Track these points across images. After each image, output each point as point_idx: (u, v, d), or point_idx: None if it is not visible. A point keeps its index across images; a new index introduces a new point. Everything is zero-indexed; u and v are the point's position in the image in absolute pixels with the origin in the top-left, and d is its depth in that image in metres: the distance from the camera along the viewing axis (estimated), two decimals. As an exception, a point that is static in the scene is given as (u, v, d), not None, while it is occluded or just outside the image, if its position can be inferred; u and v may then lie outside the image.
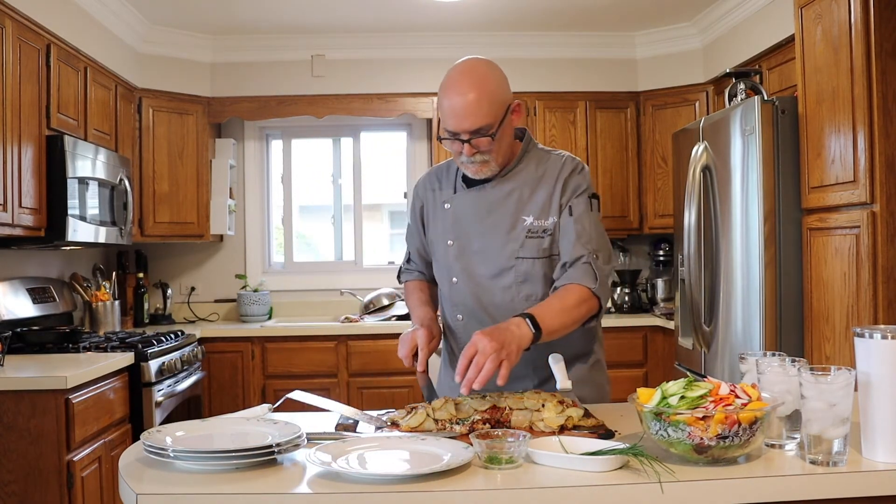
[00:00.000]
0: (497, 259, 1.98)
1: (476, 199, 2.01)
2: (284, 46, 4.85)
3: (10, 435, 2.73)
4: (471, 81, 1.86)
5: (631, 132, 4.96)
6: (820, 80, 2.82)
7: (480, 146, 1.88)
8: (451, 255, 2.04)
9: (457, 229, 2.03)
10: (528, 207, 1.97)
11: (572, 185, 1.98)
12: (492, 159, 1.92)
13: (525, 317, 1.75)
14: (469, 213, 2.01)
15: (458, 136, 1.87)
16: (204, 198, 4.80)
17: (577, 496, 1.25)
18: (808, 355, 2.92)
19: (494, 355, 1.63)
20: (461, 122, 1.85)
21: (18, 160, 3.14)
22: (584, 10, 4.47)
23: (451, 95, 1.86)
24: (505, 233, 1.97)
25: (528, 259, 1.96)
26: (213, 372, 4.44)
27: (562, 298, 1.85)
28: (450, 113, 1.86)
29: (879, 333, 1.32)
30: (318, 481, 1.30)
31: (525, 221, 1.96)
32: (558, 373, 1.87)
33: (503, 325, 1.73)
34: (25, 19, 3.20)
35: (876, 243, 2.54)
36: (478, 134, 1.86)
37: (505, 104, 1.91)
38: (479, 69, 1.90)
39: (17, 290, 3.59)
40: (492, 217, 1.99)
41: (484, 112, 1.85)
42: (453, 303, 2.07)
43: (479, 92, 1.85)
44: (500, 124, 1.89)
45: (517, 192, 1.98)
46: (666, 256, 5.00)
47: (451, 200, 2.06)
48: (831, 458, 1.32)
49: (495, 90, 1.88)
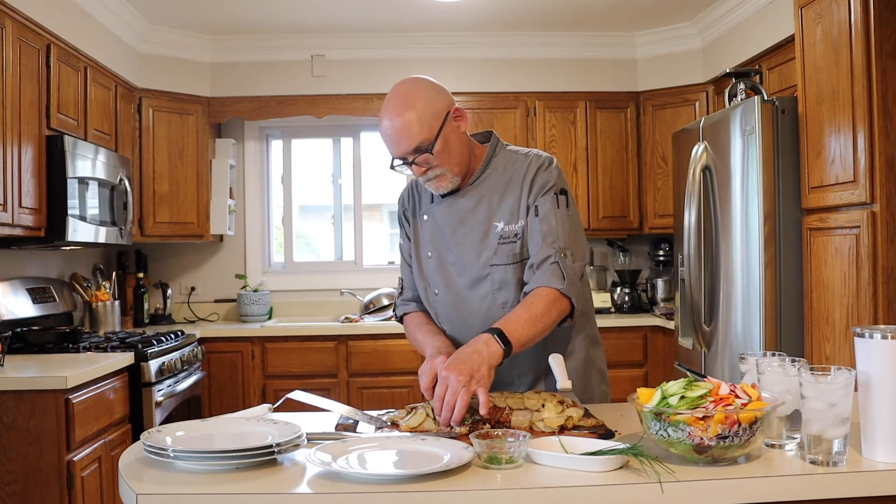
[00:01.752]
0: (472, 268, 1.96)
1: (448, 210, 1.99)
2: (284, 46, 4.85)
3: (10, 435, 2.73)
4: (396, 105, 1.86)
5: (631, 132, 4.96)
6: (820, 80, 2.82)
7: (427, 163, 1.88)
8: (431, 267, 2.03)
9: (434, 241, 2.02)
10: (498, 213, 1.95)
11: (538, 183, 1.94)
12: (446, 172, 1.90)
13: (493, 332, 1.72)
14: (443, 224, 2.00)
15: (405, 159, 1.88)
16: (204, 198, 4.80)
17: (577, 496, 1.25)
18: (808, 355, 2.92)
19: (464, 391, 1.61)
20: (397, 146, 1.86)
21: (18, 160, 3.14)
22: (584, 10, 4.47)
23: (383, 123, 1.87)
24: (478, 241, 1.96)
25: (501, 266, 1.93)
26: (213, 372, 4.44)
27: (530, 306, 1.82)
28: (386, 141, 1.88)
29: (879, 333, 1.32)
30: (318, 481, 1.30)
31: (496, 228, 1.94)
32: (558, 373, 1.87)
33: (469, 347, 1.70)
34: (25, 19, 3.20)
35: (876, 243, 2.54)
36: (418, 152, 1.86)
37: (440, 115, 1.87)
38: (403, 90, 1.88)
39: (17, 290, 3.59)
40: (464, 227, 1.97)
41: (415, 131, 1.84)
42: (437, 314, 2.06)
43: (405, 113, 1.84)
44: (436, 137, 1.86)
45: (486, 198, 1.96)
46: (666, 256, 5.00)
47: (429, 212, 2.04)
48: (831, 458, 1.32)
49: (424, 107, 1.85)
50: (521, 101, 4.90)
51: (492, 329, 1.74)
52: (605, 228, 4.97)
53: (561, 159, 4.90)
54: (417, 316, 2.10)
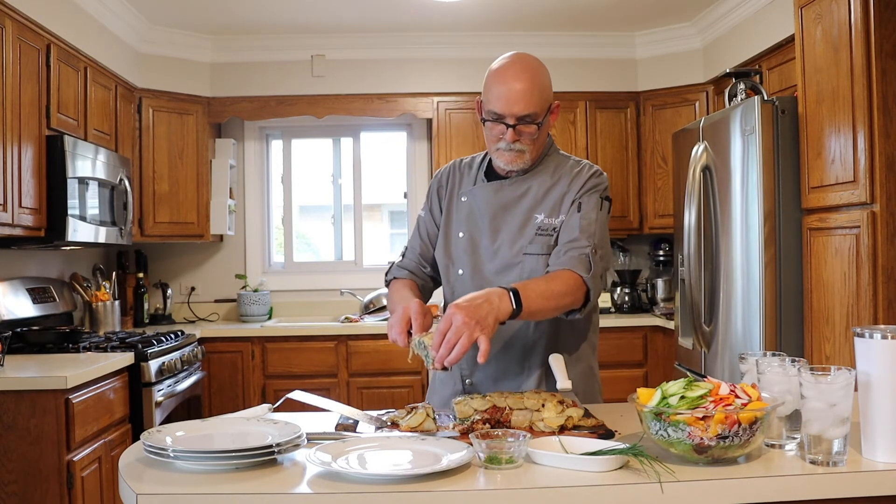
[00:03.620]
0: (505, 255, 1.97)
1: (493, 194, 2.01)
2: (284, 46, 4.85)
3: (10, 435, 2.73)
4: (525, 70, 1.90)
5: (631, 132, 4.96)
6: (820, 80, 2.82)
7: (525, 133, 1.90)
8: (461, 248, 2.03)
9: (469, 222, 2.03)
10: (541, 206, 1.98)
11: (589, 185, 1.98)
12: (528, 151, 1.94)
13: (509, 290, 1.71)
14: (484, 207, 2.01)
15: (504, 119, 1.89)
16: (204, 198, 4.80)
17: (577, 496, 1.25)
18: (808, 355, 2.92)
19: (468, 332, 1.59)
20: (512, 106, 1.87)
21: (18, 160, 3.14)
22: (584, 10, 4.47)
23: (506, 80, 1.89)
24: (516, 229, 1.98)
25: (534, 255, 1.95)
26: (213, 372, 4.44)
27: (549, 281, 1.82)
28: (501, 95, 1.88)
29: (879, 333, 1.32)
30: (318, 481, 1.30)
31: (537, 219, 1.97)
32: (558, 373, 1.87)
33: (482, 295, 1.68)
34: (25, 19, 3.20)
35: (876, 243, 2.54)
36: (524, 120, 1.89)
37: (551, 99, 1.95)
38: (533, 61, 1.94)
39: (17, 290, 3.59)
40: (506, 213, 1.99)
41: (535, 100, 1.88)
42: (454, 293, 2.04)
43: (531, 81, 1.89)
44: (546, 115, 1.93)
45: (533, 190, 1.99)
46: (666, 256, 5.00)
47: (469, 193, 2.06)
48: (831, 458, 1.32)
49: (545, 83, 1.93)
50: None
51: (508, 287, 1.72)
52: (605, 228, 4.96)
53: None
54: (407, 282, 2.09)
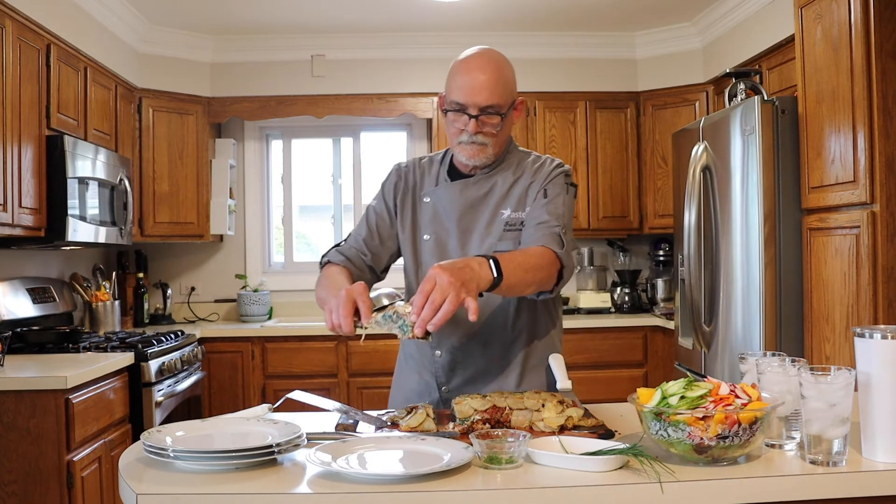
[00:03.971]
0: (474, 254, 1.89)
1: (459, 194, 1.97)
2: (284, 46, 4.85)
3: (10, 435, 2.73)
4: (489, 61, 1.89)
5: (631, 132, 4.96)
6: (820, 80, 2.82)
7: (487, 125, 1.87)
8: (427, 250, 1.99)
9: (435, 224, 1.99)
10: (506, 201, 1.95)
11: (552, 174, 1.96)
12: (490, 145, 1.90)
13: (489, 258, 1.64)
14: (450, 207, 1.98)
15: (467, 109, 1.86)
16: (204, 198, 4.80)
17: (577, 496, 1.25)
18: (808, 355, 2.92)
19: (454, 292, 1.50)
20: (475, 95, 1.85)
21: (18, 160, 3.14)
22: (584, 10, 4.47)
23: (469, 70, 1.87)
24: (484, 227, 1.95)
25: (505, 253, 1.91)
26: (213, 372, 4.44)
27: (527, 254, 1.78)
28: (464, 85, 1.86)
29: (879, 333, 1.32)
30: (318, 481, 1.30)
31: (503, 214, 1.94)
32: (558, 373, 1.87)
33: (462, 262, 1.61)
34: (25, 19, 3.20)
35: (876, 243, 2.54)
36: (487, 111, 1.86)
37: (514, 95, 1.93)
38: (498, 55, 1.93)
39: (17, 290, 3.59)
40: (473, 212, 1.96)
41: (499, 92, 1.86)
42: None
43: (496, 72, 1.87)
44: (510, 108, 1.91)
45: (498, 186, 1.96)
46: (666, 256, 5.00)
47: (432, 194, 2.01)
48: (831, 458, 1.32)
49: (510, 77, 1.91)
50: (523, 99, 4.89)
51: (487, 255, 1.66)
52: (605, 228, 4.97)
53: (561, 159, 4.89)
54: (342, 269, 1.97)
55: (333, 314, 1.63)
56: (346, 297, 1.62)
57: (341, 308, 1.61)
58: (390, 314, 1.57)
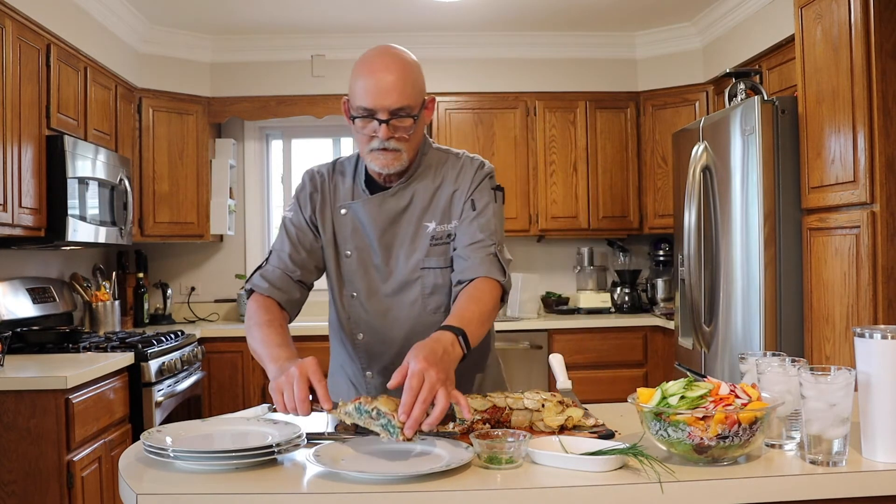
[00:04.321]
0: (401, 272, 1.84)
1: (377, 208, 1.83)
2: (284, 46, 4.85)
3: (10, 435, 2.73)
4: (394, 61, 1.74)
5: (631, 132, 4.96)
6: (820, 80, 2.82)
7: (400, 129, 1.73)
8: (351, 268, 1.87)
9: (356, 239, 1.86)
10: (429, 212, 1.84)
11: (476, 180, 1.85)
12: (404, 150, 1.76)
13: (458, 334, 1.54)
14: (369, 223, 1.84)
15: (376, 114, 1.71)
16: (204, 198, 4.80)
17: (577, 496, 1.25)
18: (808, 355, 2.92)
19: (444, 390, 1.39)
20: (383, 98, 1.69)
21: (18, 160, 3.14)
22: (584, 10, 4.47)
23: (374, 71, 1.71)
24: (408, 243, 1.83)
25: (433, 269, 1.82)
26: (213, 372, 4.43)
27: (480, 302, 1.68)
28: (370, 89, 1.70)
29: (879, 333, 1.32)
30: (318, 481, 1.30)
31: (428, 227, 1.83)
32: (559, 373, 1.87)
33: (438, 345, 1.48)
34: (25, 19, 3.20)
35: (876, 243, 2.54)
36: (398, 114, 1.71)
37: (423, 94, 1.78)
38: (402, 53, 1.78)
39: (17, 290, 3.59)
40: (394, 227, 1.84)
41: (409, 92, 1.71)
42: (352, 320, 1.89)
43: (403, 70, 1.72)
44: (420, 110, 1.76)
45: (418, 196, 1.84)
46: (666, 256, 5.00)
47: (350, 207, 1.86)
48: (831, 458, 1.32)
49: (418, 75, 1.77)
50: (521, 101, 4.90)
51: (455, 329, 1.55)
52: (605, 228, 4.97)
53: (561, 159, 4.91)
54: (272, 306, 1.80)
55: (286, 395, 1.45)
56: (300, 378, 1.46)
57: (297, 390, 1.45)
58: (368, 409, 1.38)
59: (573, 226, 4.92)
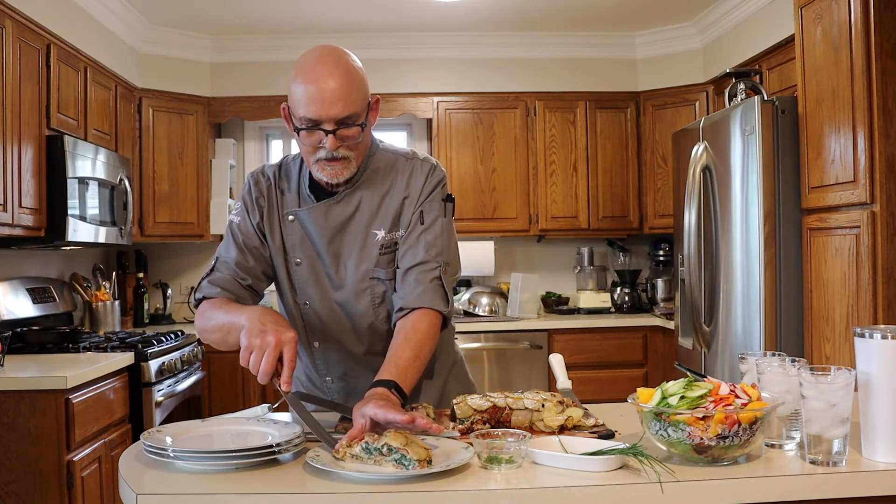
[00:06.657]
0: (352, 281, 1.79)
1: (323, 216, 1.78)
2: (284, 46, 4.84)
3: (10, 435, 2.73)
4: (337, 66, 1.65)
5: (631, 132, 4.97)
6: (820, 80, 2.82)
7: (348, 138, 1.67)
8: (302, 277, 1.82)
9: (305, 247, 1.81)
10: (377, 219, 1.78)
11: (426, 189, 1.79)
12: (353, 158, 1.70)
13: (391, 387, 1.54)
14: (316, 231, 1.79)
15: (322, 125, 1.64)
16: (204, 198, 4.80)
17: (577, 496, 1.25)
18: (808, 355, 2.92)
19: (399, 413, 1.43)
20: (329, 108, 1.62)
21: (18, 160, 3.14)
22: (583, 9, 4.47)
23: (317, 78, 1.63)
24: (357, 251, 1.79)
25: (383, 281, 1.79)
26: (213, 372, 4.43)
27: (413, 342, 1.64)
28: (314, 98, 1.62)
29: (879, 333, 1.32)
30: (318, 481, 1.30)
31: (377, 236, 1.78)
32: (558, 372, 1.87)
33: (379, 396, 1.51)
34: (25, 19, 3.20)
35: (876, 243, 2.54)
36: (345, 123, 1.65)
37: (368, 97, 1.72)
38: (344, 56, 1.70)
39: (17, 290, 3.59)
40: (342, 235, 1.79)
41: (353, 98, 1.65)
42: (307, 328, 1.85)
43: (346, 76, 1.65)
44: (366, 115, 1.71)
45: (366, 202, 1.78)
46: (666, 256, 5.00)
47: (297, 214, 1.80)
48: (831, 458, 1.32)
49: (361, 78, 1.70)
50: (521, 101, 4.90)
51: (387, 382, 1.55)
52: (605, 228, 4.97)
53: (561, 159, 4.91)
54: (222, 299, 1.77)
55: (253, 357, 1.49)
56: (273, 351, 1.47)
57: (265, 363, 1.47)
58: (378, 447, 1.34)
59: (573, 226, 4.92)
